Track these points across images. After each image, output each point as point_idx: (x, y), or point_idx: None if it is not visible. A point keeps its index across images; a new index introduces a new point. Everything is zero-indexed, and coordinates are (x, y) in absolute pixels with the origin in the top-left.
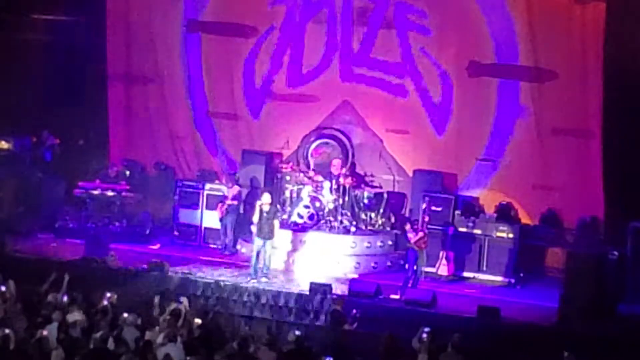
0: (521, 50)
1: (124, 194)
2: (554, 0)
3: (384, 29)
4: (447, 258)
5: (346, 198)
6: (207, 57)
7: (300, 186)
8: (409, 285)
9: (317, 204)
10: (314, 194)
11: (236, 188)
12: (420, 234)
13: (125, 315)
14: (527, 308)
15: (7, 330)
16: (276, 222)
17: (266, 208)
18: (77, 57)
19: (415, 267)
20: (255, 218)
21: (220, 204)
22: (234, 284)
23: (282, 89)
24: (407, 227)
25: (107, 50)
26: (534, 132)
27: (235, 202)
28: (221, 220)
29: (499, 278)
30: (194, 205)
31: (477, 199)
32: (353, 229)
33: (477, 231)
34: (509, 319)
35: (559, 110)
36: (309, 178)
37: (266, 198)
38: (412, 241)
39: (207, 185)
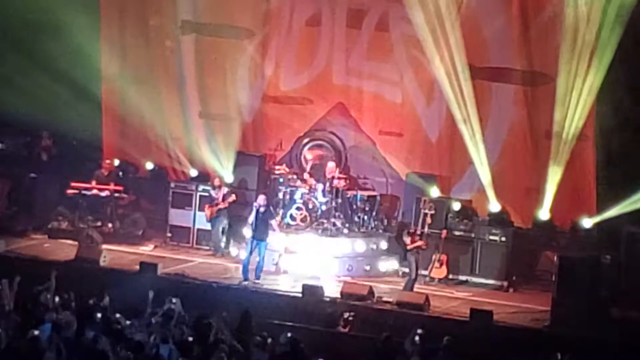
0: (515, 54)
1: (117, 194)
2: (549, 4)
3: (378, 31)
4: (440, 261)
5: (339, 200)
6: (202, 59)
7: (293, 188)
8: (404, 288)
9: (310, 206)
10: (307, 196)
11: (232, 196)
12: (419, 242)
13: (118, 315)
14: (519, 311)
15: None
16: (274, 223)
17: (262, 209)
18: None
19: (416, 270)
20: (251, 219)
21: (207, 205)
22: (227, 285)
23: (276, 91)
24: (405, 232)
25: (101, 50)
26: (528, 135)
27: (226, 206)
28: (209, 221)
29: (491, 281)
30: (187, 207)
31: (470, 202)
32: (346, 231)
33: (471, 234)
34: (502, 322)
35: (552, 114)
36: (302, 180)
37: (261, 199)
38: (410, 247)
39: (200, 187)
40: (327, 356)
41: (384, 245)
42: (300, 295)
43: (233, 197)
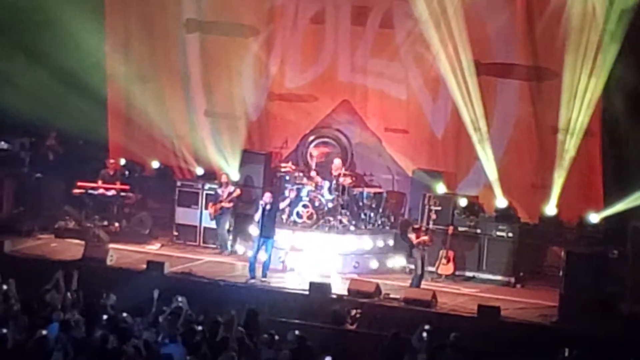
0: (520, 50)
1: (123, 194)
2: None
3: (382, 28)
4: (446, 257)
5: (345, 197)
6: (206, 57)
7: (300, 186)
8: (411, 284)
9: (317, 204)
10: (313, 194)
11: (237, 191)
12: (425, 237)
13: (125, 314)
14: (527, 307)
15: (4, 330)
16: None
17: (268, 207)
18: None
19: (422, 266)
20: (257, 216)
21: (211, 203)
22: (234, 283)
23: (281, 89)
24: (409, 229)
25: (106, 50)
26: (534, 131)
27: (230, 205)
28: (213, 219)
29: (498, 277)
30: (193, 205)
31: (476, 198)
32: (352, 228)
33: (477, 230)
34: (509, 318)
35: (558, 109)
36: (308, 178)
37: (267, 197)
38: (416, 242)
39: (207, 185)
40: (334, 353)
41: (390, 242)
42: (307, 292)
43: (238, 191)
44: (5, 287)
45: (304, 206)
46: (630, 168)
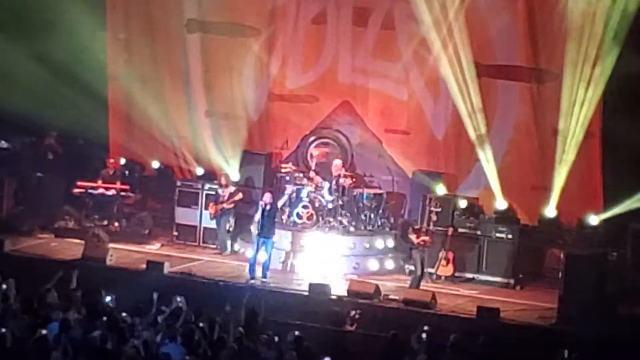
0: (521, 51)
1: (123, 193)
2: (554, 1)
3: (384, 29)
4: (446, 259)
5: (345, 198)
6: (207, 57)
7: (300, 186)
8: (410, 285)
9: (317, 204)
10: (313, 194)
11: (239, 195)
12: (425, 238)
13: (124, 314)
14: (526, 309)
15: (3, 330)
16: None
17: (268, 207)
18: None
19: (422, 267)
20: (257, 217)
21: (212, 203)
22: (233, 284)
23: (282, 89)
24: (409, 230)
25: (107, 49)
26: (534, 132)
27: (232, 206)
28: (213, 219)
29: (498, 279)
30: (193, 205)
31: (476, 199)
32: (352, 229)
33: (477, 232)
34: (509, 319)
35: (559, 111)
36: (309, 178)
37: (267, 197)
38: (416, 242)
39: (207, 186)
40: (333, 354)
41: (390, 243)
42: (306, 293)
43: (240, 195)
44: (5, 286)
45: (304, 207)
46: (630, 170)
